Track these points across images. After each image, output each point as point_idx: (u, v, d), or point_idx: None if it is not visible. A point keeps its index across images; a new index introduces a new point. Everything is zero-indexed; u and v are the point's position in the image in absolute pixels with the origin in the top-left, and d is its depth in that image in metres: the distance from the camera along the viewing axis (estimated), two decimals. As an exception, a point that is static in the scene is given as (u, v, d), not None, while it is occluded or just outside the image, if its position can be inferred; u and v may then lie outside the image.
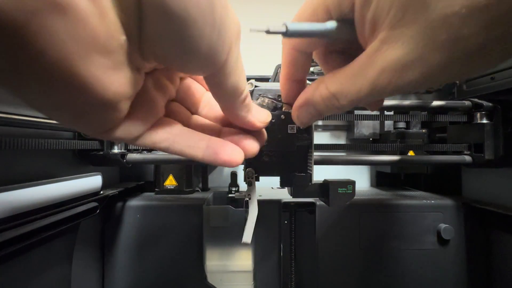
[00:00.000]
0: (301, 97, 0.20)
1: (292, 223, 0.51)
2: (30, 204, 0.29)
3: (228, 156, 0.18)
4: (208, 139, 0.18)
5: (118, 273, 0.48)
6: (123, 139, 0.15)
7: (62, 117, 0.13)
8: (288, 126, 0.29)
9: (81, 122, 0.13)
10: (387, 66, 0.14)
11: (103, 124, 0.14)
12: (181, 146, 0.17)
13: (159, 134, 0.17)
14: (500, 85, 0.46)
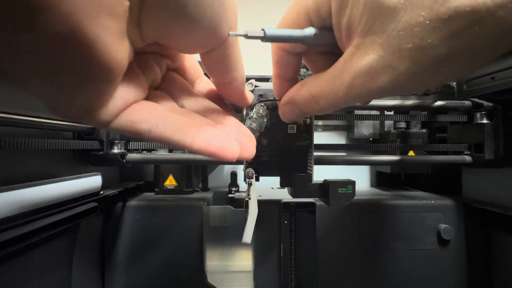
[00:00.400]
0: (286, 96, 0.20)
1: (292, 223, 0.51)
2: (30, 204, 0.29)
3: (223, 145, 0.16)
4: (199, 125, 0.16)
5: (118, 273, 0.48)
6: (94, 119, 0.14)
7: (53, 87, 0.12)
8: (288, 126, 0.29)
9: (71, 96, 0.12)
10: (359, 71, 0.15)
11: (94, 100, 0.13)
12: (166, 130, 0.15)
13: (138, 113, 0.15)
14: (500, 85, 0.45)
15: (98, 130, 0.45)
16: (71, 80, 0.11)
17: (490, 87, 0.47)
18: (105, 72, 0.12)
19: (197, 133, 0.15)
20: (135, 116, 0.15)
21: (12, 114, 0.30)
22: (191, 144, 0.15)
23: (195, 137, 0.15)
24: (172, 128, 0.15)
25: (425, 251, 0.49)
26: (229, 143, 0.16)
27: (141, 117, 0.15)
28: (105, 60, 0.11)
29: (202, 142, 0.15)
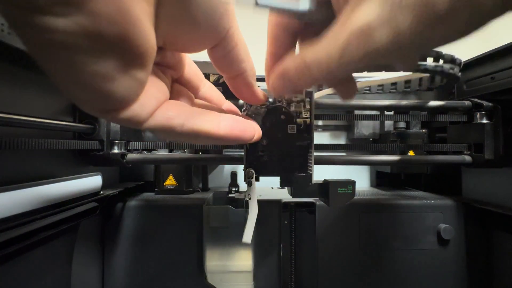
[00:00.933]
0: (279, 66, 0.20)
1: (292, 223, 0.51)
2: (30, 204, 0.29)
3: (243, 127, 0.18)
4: (219, 114, 0.18)
5: (118, 272, 0.48)
6: (134, 118, 0.14)
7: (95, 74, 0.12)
8: (288, 126, 0.29)
9: (112, 85, 0.12)
10: (356, 29, 0.14)
11: (132, 88, 0.13)
12: (196, 122, 0.16)
13: (170, 110, 0.16)
14: (500, 85, 0.46)
15: (98, 130, 0.45)
16: (113, 64, 0.12)
17: (490, 87, 0.47)
18: (143, 55, 0.12)
19: (221, 121, 0.17)
20: (169, 113, 0.16)
21: (12, 114, 0.30)
22: (218, 131, 0.17)
23: (220, 124, 0.17)
24: (201, 120, 0.17)
25: (425, 251, 0.49)
26: (247, 126, 0.19)
27: (174, 113, 0.16)
28: (143, 41, 0.12)
29: (225, 129, 0.17)
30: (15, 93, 0.33)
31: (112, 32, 0.11)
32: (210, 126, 0.17)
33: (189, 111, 0.17)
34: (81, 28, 0.10)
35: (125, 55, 0.12)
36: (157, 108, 0.15)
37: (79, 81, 0.12)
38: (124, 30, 0.11)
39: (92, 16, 0.10)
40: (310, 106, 0.30)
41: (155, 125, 0.15)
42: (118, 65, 0.12)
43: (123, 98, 0.13)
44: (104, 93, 0.12)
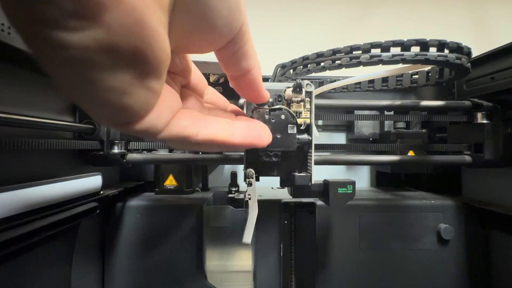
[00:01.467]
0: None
1: (292, 223, 0.51)
2: (30, 204, 0.29)
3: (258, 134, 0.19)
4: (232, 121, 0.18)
5: (118, 273, 0.48)
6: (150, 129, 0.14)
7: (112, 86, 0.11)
8: (288, 126, 0.29)
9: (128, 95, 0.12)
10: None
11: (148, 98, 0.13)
12: (210, 131, 0.17)
13: (184, 119, 0.16)
14: (500, 85, 0.46)
15: (98, 130, 0.45)
16: (130, 77, 0.12)
17: (490, 87, 0.47)
18: (159, 65, 0.12)
19: (235, 128, 0.18)
20: (183, 122, 0.16)
21: (12, 114, 0.30)
22: (233, 139, 0.17)
23: (234, 132, 0.17)
24: (215, 129, 0.17)
25: (425, 251, 0.49)
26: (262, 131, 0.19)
27: (188, 122, 0.16)
28: (160, 52, 0.12)
29: (240, 137, 0.18)
30: (15, 93, 0.33)
31: (129, 45, 0.11)
32: (225, 134, 0.17)
33: (203, 120, 0.17)
34: (97, 42, 0.10)
35: (142, 66, 0.12)
36: (172, 117, 0.15)
37: (96, 97, 0.11)
38: (142, 42, 0.11)
39: (108, 30, 0.10)
40: (310, 106, 0.30)
41: (171, 135, 0.15)
42: (135, 77, 0.12)
43: (140, 110, 0.13)
44: (121, 107, 0.12)
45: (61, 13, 0.09)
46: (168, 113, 0.15)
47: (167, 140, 0.16)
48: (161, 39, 0.12)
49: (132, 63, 0.11)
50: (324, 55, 0.40)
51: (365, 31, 0.85)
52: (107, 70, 0.11)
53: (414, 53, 0.37)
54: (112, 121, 0.13)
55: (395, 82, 0.55)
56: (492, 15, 0.87)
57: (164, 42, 0.12)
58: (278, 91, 0.29)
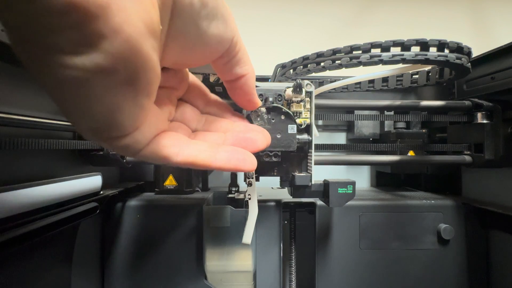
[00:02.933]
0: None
1: (292, 223, 0.51)
2: (30, 204, 0.29)
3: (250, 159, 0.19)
4: (218, 145, 0.19)
5: (118, 273, 0.48)
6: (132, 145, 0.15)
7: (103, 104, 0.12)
8: (288, 126, 0.29)
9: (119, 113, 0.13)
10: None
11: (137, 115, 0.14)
12: (192, 152, 0.17)
13: (166, 139, 0.17)
14: (500, 85, 0.46)
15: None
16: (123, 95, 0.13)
17: (490, 87, 0.47)
18: (150, 85, 0.13)
19: (217, 152, 0.18)
20: (165, 141, 0.16)
21: (12, 114, 0.30)
22: (214, 162, 0.17)
23: (217, 155, 0.18)
24: (196, 151, 0.17)
25: (425, 251, 0.49)
26: (246, 157, 0.19)
27: (170, 142, 0.17)
28: (151, 74, 0.13)
29: (222, 159, 0.18)
30: (15, 93, 0.33)
31: (124, 67, 0.12)
32: (206, 157, 0.17)
33: (185, 141, 0.18)
34: (95, 64, 0.11)
35: (134, 86, 0.13)
36: (155, 136, 0.16)
37: (89, 111, 0.12)
38: (135, 66, 0.12)
39: (106, 55, 0.11)
40: (310, 106, 0.30)
41: (151, 153, 0.16)
42: (127, 95, 0.13)
43: (128, 126, 0.14)
44: (111, 122, 0.13)
45: (66, 41, 0.10)
46: (152, 130, 0.16)
47: (147, 158, 0.16)
48: (152, 63, 0.13)
49: (125, 83, 0.12)
50: (324, 55, 0.40)
51: (365, 31, 0.85)
52: (102, 88, 0.12)
53: (414, 53, 0.37)
54: (98, 135, 0.14)
55: (395, 82, 0.55)
56: (492, 15, 0.87)
57: (155, 65, 0.13)
58: (278, 91, 0.29)
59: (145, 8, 0.12)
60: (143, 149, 0.15)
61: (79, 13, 0.10)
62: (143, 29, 0.12)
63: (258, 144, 0.20)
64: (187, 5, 0.14)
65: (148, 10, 0.12)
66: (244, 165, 0.18)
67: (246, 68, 0.20)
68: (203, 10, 0.15)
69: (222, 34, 0.17)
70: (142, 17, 0.12)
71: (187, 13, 0.15)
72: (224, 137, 0.21)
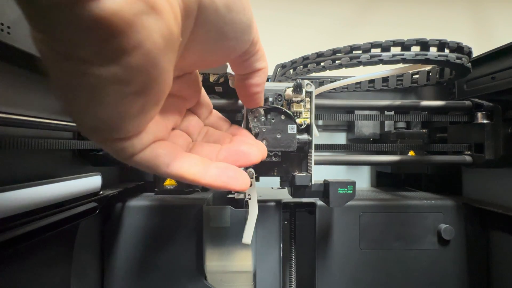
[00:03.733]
0: None
1: (292, 223, 0.50)
2: (29, 204, 0.29)
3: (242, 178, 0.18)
4: (211, 161, 0.18)
5: (117, 273, 0.48)
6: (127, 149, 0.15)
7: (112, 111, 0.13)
8: (288, 126, 0.29)
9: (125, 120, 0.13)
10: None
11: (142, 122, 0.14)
12: (183, 165, 0.17)
13: (162, 148, 0.16)
14: (500, 85, 0.45)
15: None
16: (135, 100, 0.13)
17: (490, 87, 0.47)
18: (162, 96, 0.14)
19: (208, 168, 0.17)
20: (159, 150, 0.16)
21: (12, 114, 0.30)
22: (203, 178, 0.17)
23: (207, 171, 0.17)
24: (188, 163, 0.17)
25: (425, 251, 0.49)
26: (238, 175, 0.18)
27: (164, 151, 0.16)
28: (164, 86, 0.13)
29: (212, 176, 0.17)
30: (15, 93, 0.33)
31: (140, 79, 0.12)
32: (196, 172, 0.17)
33: (179, 153, 0.17)
34: (113, 75, 0.11)
35: (145, 96, 0.13)
36: (151, 143, 0.16)
37: (95, 115, 0.13)
38: (150, 78, 0.12)
39: (125, 68, 0.11)
40: (310, 106, 0.30)
41: (143, 160, 0.16)
42: (137, 103, 0.13)
43: (130, 131, 0.14)
44: (114, 125, 0.13)
45: (88, 53, 0.11)
46: (150, 137, 0.16)
47: (138, 164, 0.16)
48: (166, 75, 0.13)
49: (137, 92, 0.12)
50: (324, 55, 0.40)
51: (365, 31, 0.85)
52: (114, 95, 0.12)
53: (415, 53, 0.37)
54: (97, 134, 0.14)
55: (396, 82, 0.55)
56: (493, 15, 0.87)
57: (169, 77, 0.14)
58: (278, 91, 0.29)
59: (167, 23, 0.12)
60: (137, 155, 0.15)
61: (105, 29, 0.10)
62: (162, 45, 0.12)
63: (251, 157, 0.20)
64: (212, 13, 0.14)
65: (169, 24, 0.12)
66: (234, 184, 0.18)
67: (263, 63, 0.20)
68: (228, 14, 0.15)
69: (245, 35, 0.17)
70: (163, 32, 0.12)
71: (212, 19, 0.14)
72: (219, 148, 0.20)
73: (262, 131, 0.28)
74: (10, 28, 0.27)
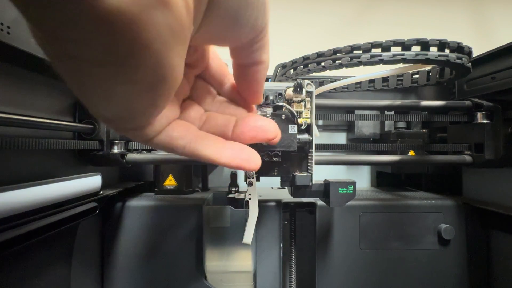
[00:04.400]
0: None
1: (292, 223, 0.50)
2: (29, 204, 0.29)
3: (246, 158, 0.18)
4: (224, 141, 0.18)
5: (117, 273, 0.48)
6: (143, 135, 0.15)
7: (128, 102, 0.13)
8: (288, 126, 0.29)
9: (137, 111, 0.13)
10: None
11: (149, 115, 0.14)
12: (198, 146, 0.17)
13: (176, 131, 0.17)
14: (500, 85, 0.45)
15: (98, 130, 0.45)
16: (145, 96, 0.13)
17: (490, 87, 0.47)
18: (170, 89, 0.13)
19: (223, 148, 0.18)
20: (173, 133, 0.17)
21: (12, 114, 0.30)
22: (219, 159, 0.17)
23: (223, 152, 0.18)
24: (203, 145, 0.17)
25: (426, 251, 0.49)
26: (251, 156, 0.18)
27: (178, 134, 0.17)
28: (173, 81, 0.13)
29: (228, 157, 0.18)
30: (15, 93, 0.33)
31: (149, 78, 0.12)
32: (212, 152, 0.17)
33: (194, 134, 0.18)
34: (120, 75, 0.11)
35: (155, 92, 0.13)
36: (166, 126, 0.16)
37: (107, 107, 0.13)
38: (158, 76, 0.12)
39: (133, 68, 0.11)
40: (311, 105, 0.30)
41: (158, 143, 0.16)
42: (147, 99, 0.13)
43: (142, 122, 0.14)
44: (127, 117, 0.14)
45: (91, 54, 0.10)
46: (163, 122, 0.16)
47: (157, 146, 0.17)
48: (177, 72, 0.13)
49: (147, 90, 0.12)
50: (324, 54, 0.40)
51: (365, 31, 0.85)
52: (123, 94, 0.12)
53: (415, 53, 0.37)
54: (112, 124, 0.14)
55: (396, 82, 0.55)
56: (493, 15, 0.87)
57: (178, 73, 0.13)
58: (279, 91, 0.29)
59: (176, 16, 0.11)
60: (153, 139, 0.16)
61: (108, 27, 0.09)
62: (172, 41, 0.11)
63: (268, 133, 0.20)
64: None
65: (179, 17, 0.11)
66: (248, 165, 0.18)
67: (266, 56, 0.19)
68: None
69: (258, 20, 0.16)
70: (172, 27, 0.11)
71: (225, 4, 0.14)
72: (234, 121, 0.20)
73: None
74: (10, 28, 0.27)
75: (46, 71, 0.35)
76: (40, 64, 0.32)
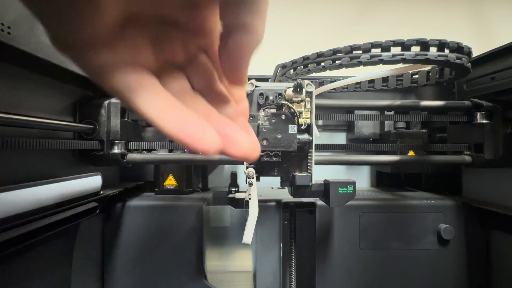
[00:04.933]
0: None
1: (292, 223, 0.50)
2: (30, 204, 0.29)
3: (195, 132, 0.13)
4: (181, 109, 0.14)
5: (117, 273, 0.48)
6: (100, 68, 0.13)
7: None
8: (288, 126, 0.29)
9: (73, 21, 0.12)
10: None
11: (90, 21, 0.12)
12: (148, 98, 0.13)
13: (137, 80, 0.13)
14: (500, 85, 0.46)
15: (98, 130, 0.45)
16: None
17: (490, 87, 0.47)
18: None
19: (172, 112, 0.13)
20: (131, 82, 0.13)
21: (12, 114, 0.30)
22: (163, 124, 0.13)
23: (169, 117, 0.13)
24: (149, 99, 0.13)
25: (425, 251, 0.49)
26: (206, 133, 0.13)
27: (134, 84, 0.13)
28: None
29: (172, 124, 0.13)
30: (15, 93, 0.33)
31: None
32: (156, 114, 0.13)
33: (151, 85, 0.14)
34: None
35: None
36: (127, 70, 0.13)
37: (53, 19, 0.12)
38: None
39: None
40: (310, 106, 0.30)
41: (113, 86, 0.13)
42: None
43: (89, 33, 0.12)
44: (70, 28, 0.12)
45: None
46: (125, 58, 0.13)
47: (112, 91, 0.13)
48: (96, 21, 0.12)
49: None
50: (324, 55, 0.40)
51: (365, 31, 0.85)
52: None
53: (415, 53, 0.37)
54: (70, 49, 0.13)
55: (395, 82, 0.55)
56: (492, 15, 0.87)
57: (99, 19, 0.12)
58: (279, 91, 0.29)
59: None
60: (109, 78, 0.13)
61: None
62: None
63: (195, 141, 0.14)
64: None
65: None
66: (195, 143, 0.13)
67: (256, 23, 0.15)
68: None
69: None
70: None
71: None
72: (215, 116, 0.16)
73: (262, 131, 0.28)
74: (10, 28, 0.27)
75: (46, 71, 0.35)
76: (40, 64, 0.32)
